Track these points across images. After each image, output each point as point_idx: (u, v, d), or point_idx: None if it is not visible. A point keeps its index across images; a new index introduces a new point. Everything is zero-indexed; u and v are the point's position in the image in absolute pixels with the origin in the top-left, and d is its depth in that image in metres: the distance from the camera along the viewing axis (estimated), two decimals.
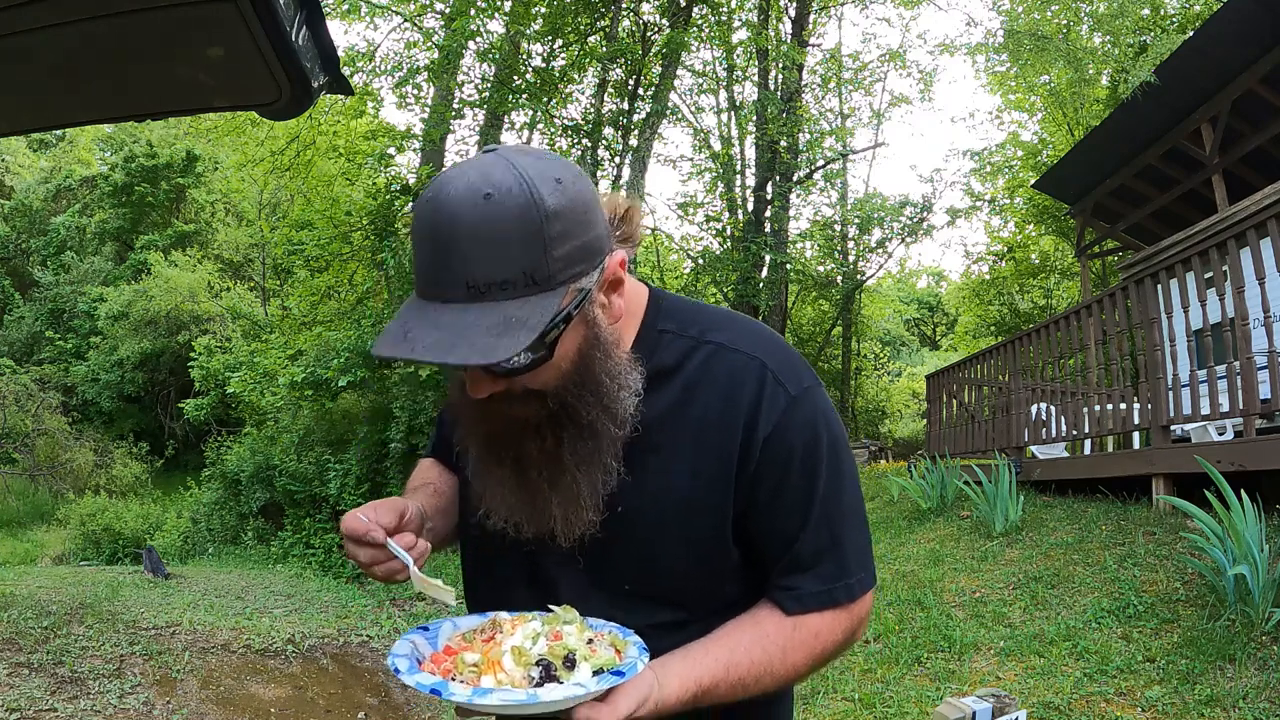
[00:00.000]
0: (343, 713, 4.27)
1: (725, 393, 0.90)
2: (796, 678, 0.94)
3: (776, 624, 0.92)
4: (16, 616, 4.73)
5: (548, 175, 0.78)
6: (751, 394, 0.89)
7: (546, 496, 0.87)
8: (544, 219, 0.75)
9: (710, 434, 0.89)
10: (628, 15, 11.16)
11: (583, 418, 0.84)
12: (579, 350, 0.83)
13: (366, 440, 9.92)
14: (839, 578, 0.92)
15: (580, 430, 0.84)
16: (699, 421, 0.89)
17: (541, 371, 0.81)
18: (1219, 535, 3.40)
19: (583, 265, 0.79)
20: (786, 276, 13.48)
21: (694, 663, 0.87)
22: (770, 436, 0.88)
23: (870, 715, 3.26)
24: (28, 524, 15.51)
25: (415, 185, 11.09)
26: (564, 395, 0.83)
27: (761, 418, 0.88)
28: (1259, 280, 4.35)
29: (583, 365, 0.83)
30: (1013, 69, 14.74)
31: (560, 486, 0.86)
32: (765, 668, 0.90)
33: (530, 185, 0.76)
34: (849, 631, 0.95)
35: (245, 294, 19.83)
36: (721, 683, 0.88)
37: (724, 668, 0.88)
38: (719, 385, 0.90)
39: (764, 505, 0.90)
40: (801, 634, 0.91)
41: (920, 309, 31.73)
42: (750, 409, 0.89)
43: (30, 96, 1.03)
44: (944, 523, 6.11)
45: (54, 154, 25.44)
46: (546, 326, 0.75)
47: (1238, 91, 7.63)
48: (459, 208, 0.75)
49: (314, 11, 0.94)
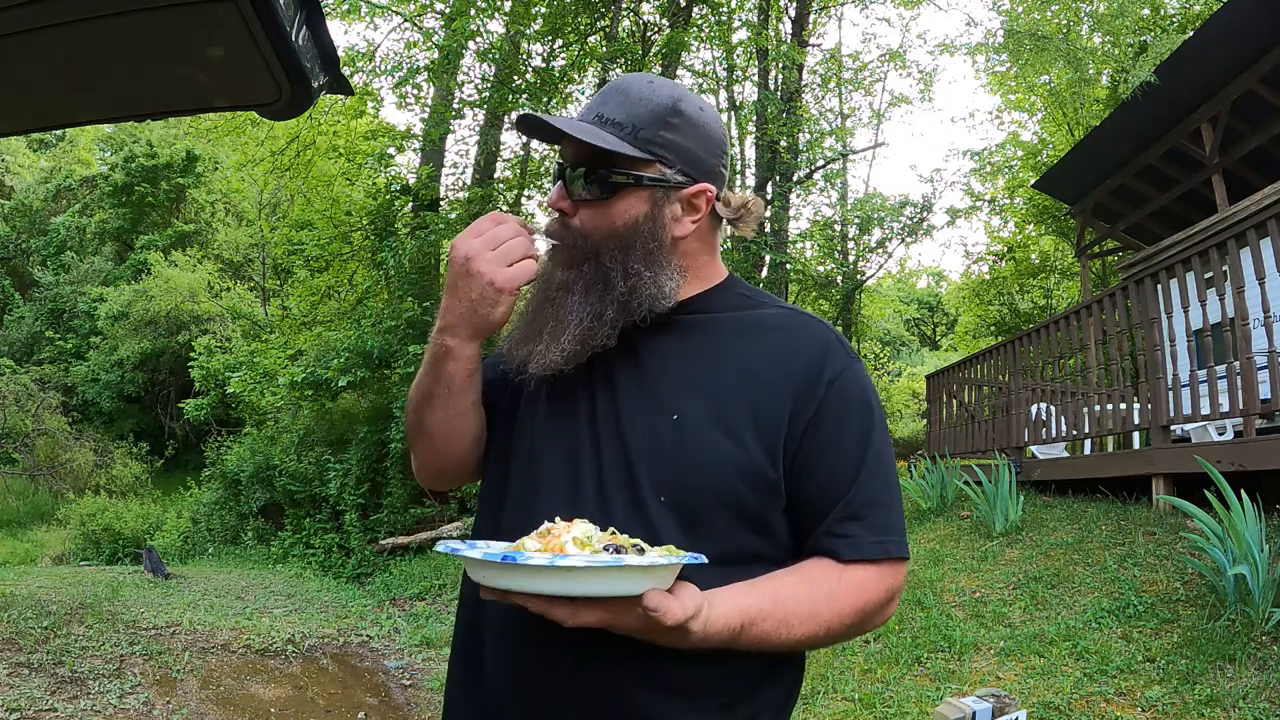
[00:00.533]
0: (343, 713, 4.27)
1: (794, 341, 1.00)
2: (841, 629, 0.93)
3: (823, 571, 0.93)
4: (16, 616, 4.73)
5: (697, 100, 1.00)
6: (818, 346, 0.99)
7: (543, 323, 0.98)
8: (671, 107, 0.97)
9: (776, 369, 0.97)
10: (628, 15, 11.16)
11: (605, 265, 0.97)
12: (634, 220, 0.97)
13: (366, 440, 9.91)
14: (889, 532, 0.95)
15: (598, 272, 0.97)
16: (766, 358, 0.98)
17: (598, 213, 0.97)
18: (1219, 535, 3.40)
19: (675, 160, 0.97)
20: (787, 276, 13.47)
21: (740, 593, 0.88)
22: (835, 380, 0.96)
23: (870, 715, 3.26)
24: (28, 524, 15.51)
25: (415, 185, 11.10)
26: (602, 244, 0.97)
27: (828, 366, 0.97)
28: (1259, 280, 4.35)
29: (631, 234, 0.97)
30: (1013, 69, 14.73)
31: (558, 315, 0.97)
32: (811, 610, 0.90)
33: (680, 90, 1.00)
34: (890, 593, 0.96)
35: (245, 294, 19.82)
36: (767, 617, 0.88)
37: (770, 602, 0.88)
38: (788, 334, 1.00)
39: (823, 447, 0.95)
40: (848, 582, 0.93)
41: (920, 309, 31.71)
42: (817, 357, 0.98)
43: (30, 96, 1.03)
44: (944, 523, 6.11)
45: (54, 154, 25.43)
46: (625, 167, 0.95)
47: (1238, 91, 7.63)
48: (633, 79, 1.00)
49: (314, 11, 0.94)
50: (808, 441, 0.94)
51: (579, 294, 0.97)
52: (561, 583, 0.77)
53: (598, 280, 0.97)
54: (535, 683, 0.93)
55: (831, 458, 0.95)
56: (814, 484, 0.95)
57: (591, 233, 0.98)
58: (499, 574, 0.79)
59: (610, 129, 0.96)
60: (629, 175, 0.96)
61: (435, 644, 5.62)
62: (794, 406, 0.94)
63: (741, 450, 0.92)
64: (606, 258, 0.97)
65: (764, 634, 0.88)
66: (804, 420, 0.94)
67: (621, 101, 0.97)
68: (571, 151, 0.99)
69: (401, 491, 9.47)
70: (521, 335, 1.01)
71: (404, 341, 9.29)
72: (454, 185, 11.94)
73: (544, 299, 1.00)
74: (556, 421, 1.01)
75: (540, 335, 0.97)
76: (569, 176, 0.98)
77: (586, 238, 0.98)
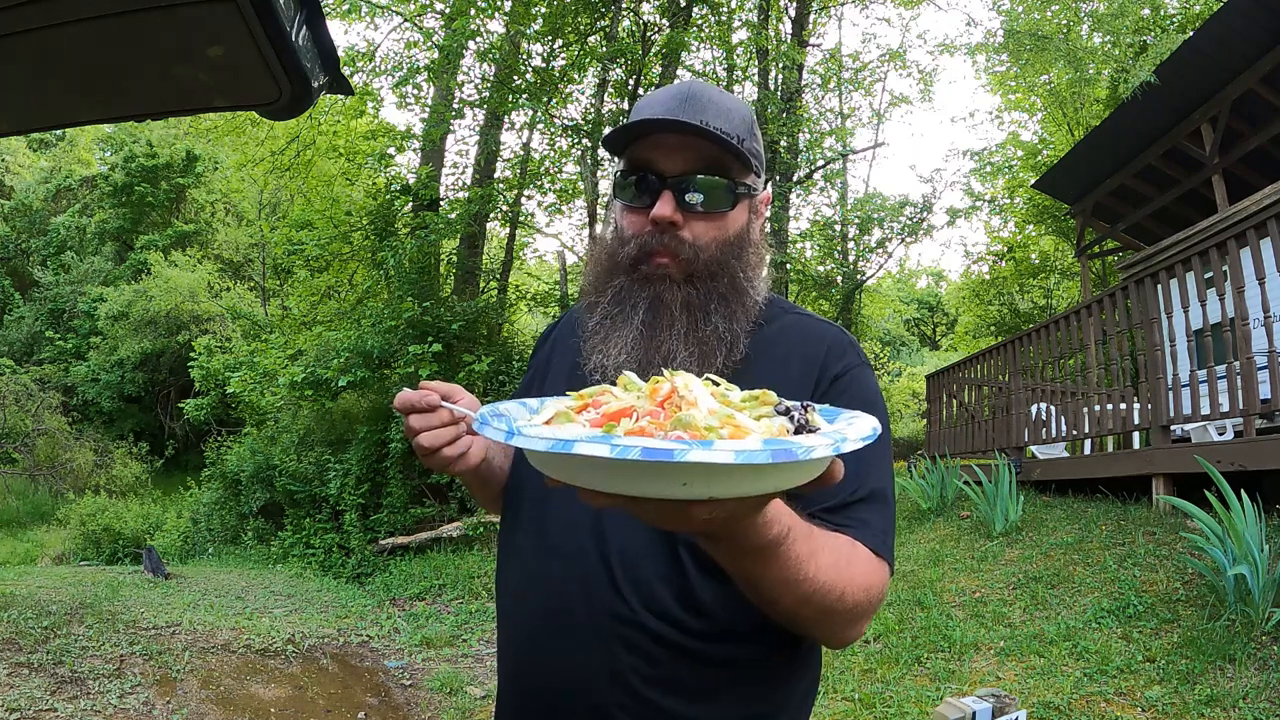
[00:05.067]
0: (343, 713, 4.27)
1: (806, 341, 1.01)
2: (850, 601, 0.85)
3: (838, 537, 0.88)
4: (16, 616, 4.73)
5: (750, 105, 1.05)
6: (829, 345, 1.01)
7: (673, 350, 0.95)
8: (752, 117, 1.00)
9: (791, 369, 0.98)
10: (628, 15, 11.15)
11: (735, 276, 0.98)
12: (742, 229, 0.99)
13: (366, 440, 9.90)
14: (884, 533, 0.94)
15: (733, 285, 0.97)
16: (783, 361, 0.99)
17: (713, 225, 0.97)
18: (1219, 535, 3.40)
19: (760, 168, 1.01)
20: (787, 277, 13.47)
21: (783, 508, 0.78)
22: (841, 375, 0.98)
23: (870, 715, 3.26)
24: (28, 524, 15.51)
25: (415, 185, 11.09)
26: (723, 254, 0.97)
27: (835, 361, 0.99)
28: (1259, 280, 4.35)
29: (739, 242, 0.99)
30: (1013, 69, 14.72)
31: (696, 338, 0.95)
32: (834, 558, 0.83)
33: (742, 99, 1.04)
34: (880, 588, 0.91)
35: (245, 294, 19.82)
36: (805, 539, 0.79)
37: (806, 529, 0.80)
38: (800, 335, 1.02)
39: None
40: (859, 553, 0.89)
41: (920, 309, 31.72)
42: (826, 353, 1.00)
43: (30, 96, 1.03)
44: (944, 523, 6.10)
45: (54, 154, 25.41)
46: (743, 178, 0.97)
47: (1238, 91, 7.63)
48: (703, 87, 0.98)
49: (314, 11, 0.94)
50: None
51: (719, 312, 0.96)
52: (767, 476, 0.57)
53: (734, 292, 0.97)
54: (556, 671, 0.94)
55: None
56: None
57: (708, 245, 0.97)
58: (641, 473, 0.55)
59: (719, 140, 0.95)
60: (747, 186, 0.98)
61: (435, 644, 5.62)
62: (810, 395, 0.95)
63: None
64: (734, 269, 0.97)
65: (797, 557, 0.79)
66: None
67: (718, 112, 0.95)
68: (684, 162, 0.96)
69: (401, 491, 9.46)
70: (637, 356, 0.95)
71: (404, 341, 9.28)
72: (454, 185, 11.94)
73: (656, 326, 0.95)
74: None
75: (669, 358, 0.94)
76: (692, 186, 0.95)
77: (705, 250, 0.97)
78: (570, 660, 0.92)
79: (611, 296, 0.99)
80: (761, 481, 0.59)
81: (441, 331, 9.23)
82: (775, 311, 1.05)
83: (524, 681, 0.97)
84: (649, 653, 0.89)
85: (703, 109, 0.94)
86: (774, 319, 1.04)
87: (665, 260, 0.96)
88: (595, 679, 0.90)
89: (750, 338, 1.00)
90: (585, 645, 0.91)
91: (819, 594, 0.82)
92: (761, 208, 1.05)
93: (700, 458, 0.52)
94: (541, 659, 0.94)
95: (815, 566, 0.81)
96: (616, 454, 0.53)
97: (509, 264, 12.63)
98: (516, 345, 10.70)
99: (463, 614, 6.54)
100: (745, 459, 0.53)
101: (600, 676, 0.90)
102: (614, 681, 0.90)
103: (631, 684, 0.90)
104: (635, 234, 0.98)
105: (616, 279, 0.99)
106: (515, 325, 11.91)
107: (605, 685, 0.90)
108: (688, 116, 0.93)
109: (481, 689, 4.62)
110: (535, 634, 0.95)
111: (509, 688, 1.01)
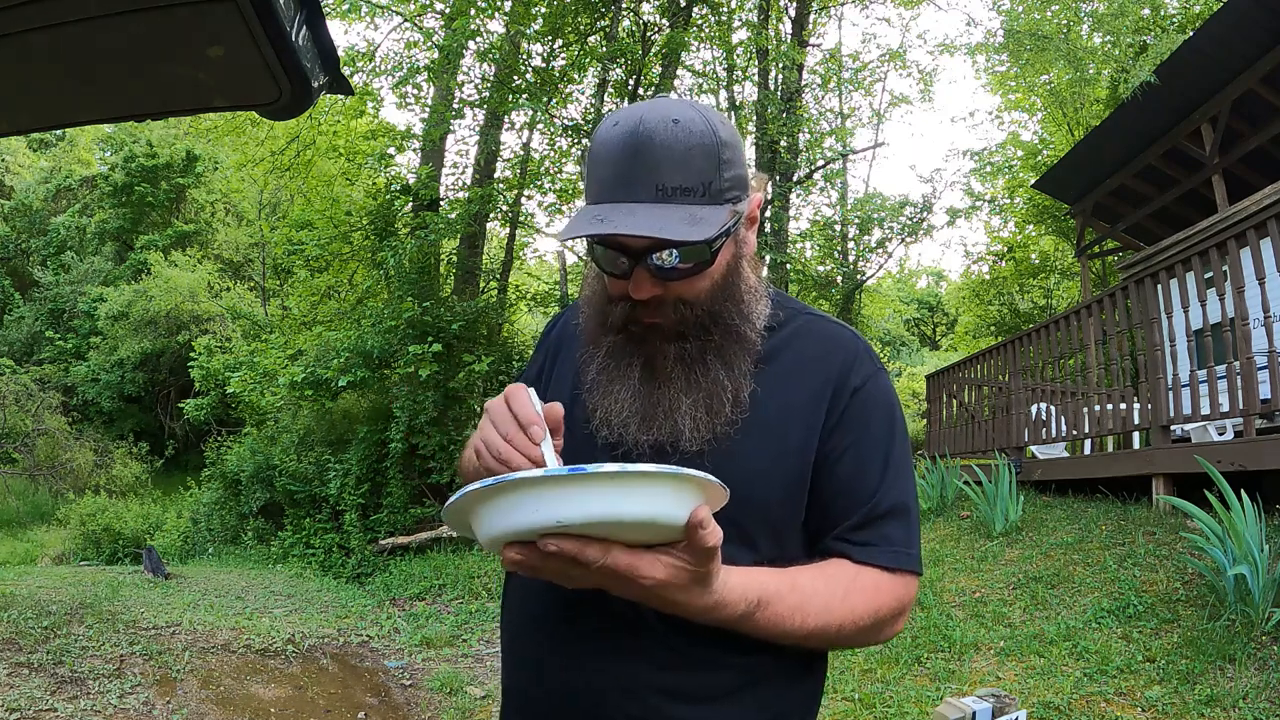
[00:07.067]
0: (343, 713, 4.27)
1: (822, 349, 0.99)
2: (852, 629, 0.90)
3: (838, 566, 0.92)
4: (16, 616, 4.73)
5: (716, 115, 0.91)
6: (846, 354, 0.98)
7: (675, 401, 0.92)
8: (719, 144, 0.88)
9: (807, 379, 0.96)
10: (628, 15, 11.15)
11: (730, 323, 0.94)
12: (728, 266, 0.94)
13: (366, 440, 9.91)
14: (905, 544, 0.94)
15: (727, 333, 0.94)
16: (797, 371, 0.97)
17: (697, 280, 0.91)
18: (1219, 535, 3.40)
19: (738, 191, 0.91)
20: (786, 277, 13.45)
21: (757, 572, 0.87)
22: (860, 389, 0.96)
23: (870, 715, 3.26)
24: (28, 524, 15.51)
25: (415, 185, 11.09)
26: (713, 304, 0.93)
27: (854, 373, 0.97)
28: (1259, 280, 4.35)
29: (730, 279, 0.94)
30: (1013, 69, 14.73)
31: (699, 388, 0.92)
32: (826, 601, 0.88)
33: (707, 117, 0.89)
34: (900, 604, 0.94)
35: (245, 294, 19.81)
36: (783, 599, 0.86)
37: (787, 586, 0.87)
38: (816, 341, 1.00)
39: (846, 453, 0.94)
40: (863, 581, 0.91)
41: (920, 309, 31.73)
42: (844, 365, 0.97)
43: (30, 96, 1.03)
44: (944, 523, 6.11)
45: (54, 154, 25.41)
46: (719, 231, 0.86)
47: (1238, 91, 7.63)
48: (654, 128, 0.86)
49: (314, 11, 0.94)
50: (834, 444, 0.94)
51: (717, 362, 0.93)
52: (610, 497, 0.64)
53: (727, 337, 0.93)
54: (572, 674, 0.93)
55: (852, 463, 0.94)
56: (832, 488, 0.94)
57: (696, 298, 0.92)
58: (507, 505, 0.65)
59: (683, 198, 0.86)
60: (723, 233, 0.88)
61: (435, 644, 5.62)
62: (826, 410, 0.95)
63: (786, 472, 0.93)
64: (727, 314, 0.93)
65: (777, 616, 0.85)
66: (830, 424, 0.95)
67: (673, 163, 0.85)
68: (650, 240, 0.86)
69: (401, 491, 9.47)
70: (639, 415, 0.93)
71: (404, 341, 9.28)
72: (454, 185, 11.93)
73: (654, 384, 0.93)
74: None
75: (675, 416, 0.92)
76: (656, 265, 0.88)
77: (695, 305, 0.92)
78: (576, 666, 0.91)
79: (606, 351, 0.97)
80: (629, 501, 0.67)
81: (441, 331, 9.23)
82: (785, 314, 1.01)
83: (529, 688, 0.97)
84: (657, 659, 0.89)
85: (655, 165, 0.85)
86: (785, 323, 1.00)
87: (655, 320, 0.93)
88: (602, 685, 0.90)
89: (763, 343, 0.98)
90: (592, 651, 0.90)
91: (813, 637, 0.89)
92: (749, 225, 0.98)
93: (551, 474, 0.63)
94: (546, 665, 0.94)
95: (803, 617, 0.86)
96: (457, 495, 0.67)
97: (509, 264, 12.62)
98: (517, 345, 10.70)
99: (463, 614, 6.54)
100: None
101: (607, 683, 0.90)
102: (621, 688, 0.89)
103: (639, 691, 0.89)
104: (620, 297, 0.94)
105: (608, 336, 0.97)
106: (515, 325, 11.91)
107: (612, 692, 0.90)
108: (640, 181, 0.85)
109: (481, 689, 4.62)
110: (540, 639, 0.95)
111: (513, 693, 1.00)
